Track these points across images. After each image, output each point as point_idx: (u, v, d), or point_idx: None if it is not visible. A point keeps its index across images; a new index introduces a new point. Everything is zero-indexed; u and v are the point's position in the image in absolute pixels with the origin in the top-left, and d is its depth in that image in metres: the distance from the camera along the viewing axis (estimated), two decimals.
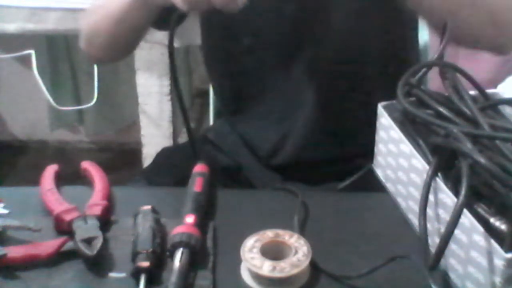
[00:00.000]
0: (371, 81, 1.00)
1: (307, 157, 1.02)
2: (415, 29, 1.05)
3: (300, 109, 1.01)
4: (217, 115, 1.27)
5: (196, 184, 0.82)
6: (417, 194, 0.74)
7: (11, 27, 1.66)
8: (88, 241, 0.72)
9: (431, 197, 0.70)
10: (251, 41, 0.99)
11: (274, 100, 1.02)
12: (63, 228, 0.76)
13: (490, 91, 0.83)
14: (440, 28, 0.83)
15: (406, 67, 0.81)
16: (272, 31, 0.98)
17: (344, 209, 0.83)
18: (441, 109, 0.76)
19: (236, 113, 1.08)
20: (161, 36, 1.32)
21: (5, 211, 0.79)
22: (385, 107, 0.81)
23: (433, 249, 0.66)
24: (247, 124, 1.06)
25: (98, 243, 0.72)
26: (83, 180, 0.87)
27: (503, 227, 0.64)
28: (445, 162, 0.71)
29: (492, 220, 0.65)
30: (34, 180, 0.85)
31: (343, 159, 1.02)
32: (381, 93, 0.82)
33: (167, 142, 1.87)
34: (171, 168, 1.07)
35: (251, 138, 1.06)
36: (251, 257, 0.69)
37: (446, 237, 0.63)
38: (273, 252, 0.71)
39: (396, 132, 0.78)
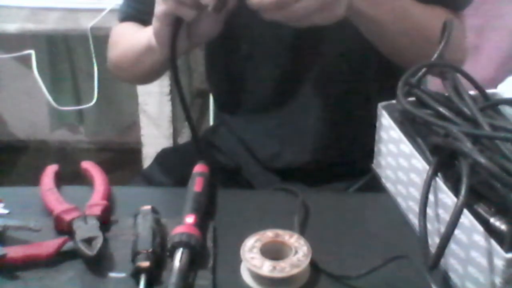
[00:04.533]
0: (371, 86, 1.00)
1: (307, 162, 1.02)
2: None
3: (298, 116, 1.01)
4: (217, 115, 1.27)
5: (196, 184, 0.82)
6: (417, 194, 0.74)
7: (11, 27, 1.66)
8: (88, 241, 0.72)
9: (431, 197, 0.70)
10: (249, 48, 1.00)
11: (272, 106, 1.02)
12: (63, 228, 0.76)
13: (490, 91, 0.83)
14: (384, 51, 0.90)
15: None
16: (270, 40, 0.97)
17: (344, 209, 0.83)
18: (441, 109, 0.76)
19: (234, 117, 1.08)
20: None
21: (5, 211, 0.79)
22: (385, 107, 0.81)
23: (433, 249, 0.66)
24: (245, 129, 1.06)
25: (98, 243, 0.72)
26: (83, 180, 0.87)
27: (503, 227, 0.64)
28: (445, 162, 0.71)
29: (492, 220, 0.65)
30: (34, 180, 0.85)
31: (343, 163, 1.02)
32: (382, 97, 0.83)
33: (167, 142, 1.88)
34: (171, 168, 1.07)
35: (250, 142, 1.06)
36: (251, 257, 0.69)
37: (446, 237, 0.63)
38: (273, 252, 0.71)
39: (396, 132, 0.78)
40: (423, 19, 0.91)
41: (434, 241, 0.70)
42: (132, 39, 0.98)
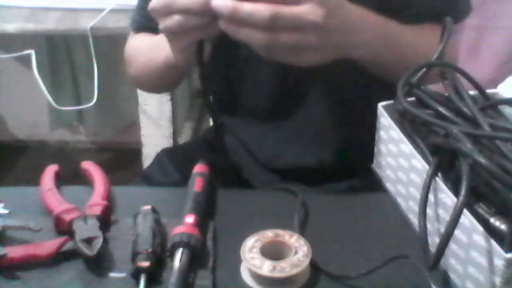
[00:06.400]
0: (372, 87, 0.99)
1: (307, 163, 1.02)
2: None
3: (298, 117, 1.01)
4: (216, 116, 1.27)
5: (196, 184, 0.82)
6: (417, 194, 0.74)
7: (11, 27, 1.67)
8: (88, 241, 0.72)
9: (431, 197, 0.70)
10: (248, 50, 0.99)
11: (271, 108, 1.02)
12: (63, 228, 0.76)
13: (490, 91, 0.83)
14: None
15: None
16: None
17: (344, 209, 0.83)
18: (441, 109, 0.76)
19: (233, 118, 1.08)
20: None
21: (5, 211, 0.79)
22: (385, 107, 0.82)
23: (433, 249, 0.66)
24: (245, 130, 1.06)
25: (98, 243, 0.72)
26: (83, 180, 0.87)
27: (503, 227, 0.64)
28: (445, 162, 0.71)
29: (492, 220, 0.65)
30: (34, 180, 0.85)
31: (343, 163, 1.02)
32: (382, 97, 0.83)
33: (167, 142, 1.88)
34: (171, 168, 1.07)
35: (249, 143, 1.06)
36: (251, 257, 0.69)
37: (446, 237, 0.63)
38: (273, 252, 0.71)
39: (396, 132, 0.78)
40: (415, 40, 0.91)
41: (434, 241, 0.70)
42: (149, 57, 0.98)
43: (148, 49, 0.99)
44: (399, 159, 0.79)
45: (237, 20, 0.73)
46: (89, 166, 0.88)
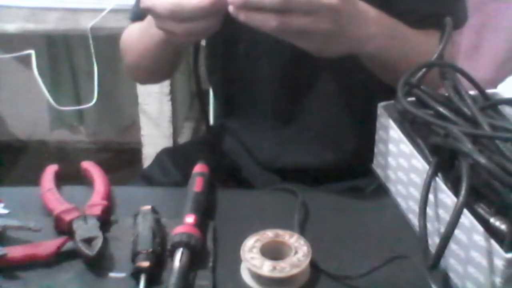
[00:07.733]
0: (373, 86, 0.99)
1: (307, 163, 1.02)
2: None
3: (298, 117, 1.00)
4: (217, 116, 1.27)
5: (196, 184, 0.82)
6: (417, 194, 0.74)
7: (11, 27, 1.67)
8: (88, 241, 0.72)
9: (431, 197, 0.70)
10: (247, 48, 0.99)
11: (271, 107, 1.02)
12: (63, 228, 0.76)
13: (490, 91, 0.83)
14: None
15: None
16: (268, 40, 0.97)
17: (344, 209, 0.83)
18: (441, 109, 0.76)
19: (233, 117, 1.08)
20: None
21: (5, 211, 0.79)
22: (385, 107, 0.82)
23: (433, 249, 0.66)
24: (245, 130, 1.06)
25: (98, 243, 0.72)
26: (83, 180, 0.87)
27: (503, 227, 0.64)
28: (445, 162, 0.71)
29: (492, 220, 0.65)
30: (34, 180, 0.85)
31: (344, 164, 1.02)
32: (383, 97, 0.82)
33: (167, 142, 1.88)
34: (171, 168, 1.07)
35: (249, 143, 1.06)
36: (251, 257, 0.69)
37: (446, 237, 0.63)
38: (273, 252, 0.71)
39: (396, 132, 0.78)
40: (418, 39, 0.91)
41: (434, 241, 0.70)
42: (143, 38, 0.97)
43: (141, 31, 0.98)
44: (399, 159, 0.79)
45: (248, 6, 0.72)
46: (89, 166, 0.88)
